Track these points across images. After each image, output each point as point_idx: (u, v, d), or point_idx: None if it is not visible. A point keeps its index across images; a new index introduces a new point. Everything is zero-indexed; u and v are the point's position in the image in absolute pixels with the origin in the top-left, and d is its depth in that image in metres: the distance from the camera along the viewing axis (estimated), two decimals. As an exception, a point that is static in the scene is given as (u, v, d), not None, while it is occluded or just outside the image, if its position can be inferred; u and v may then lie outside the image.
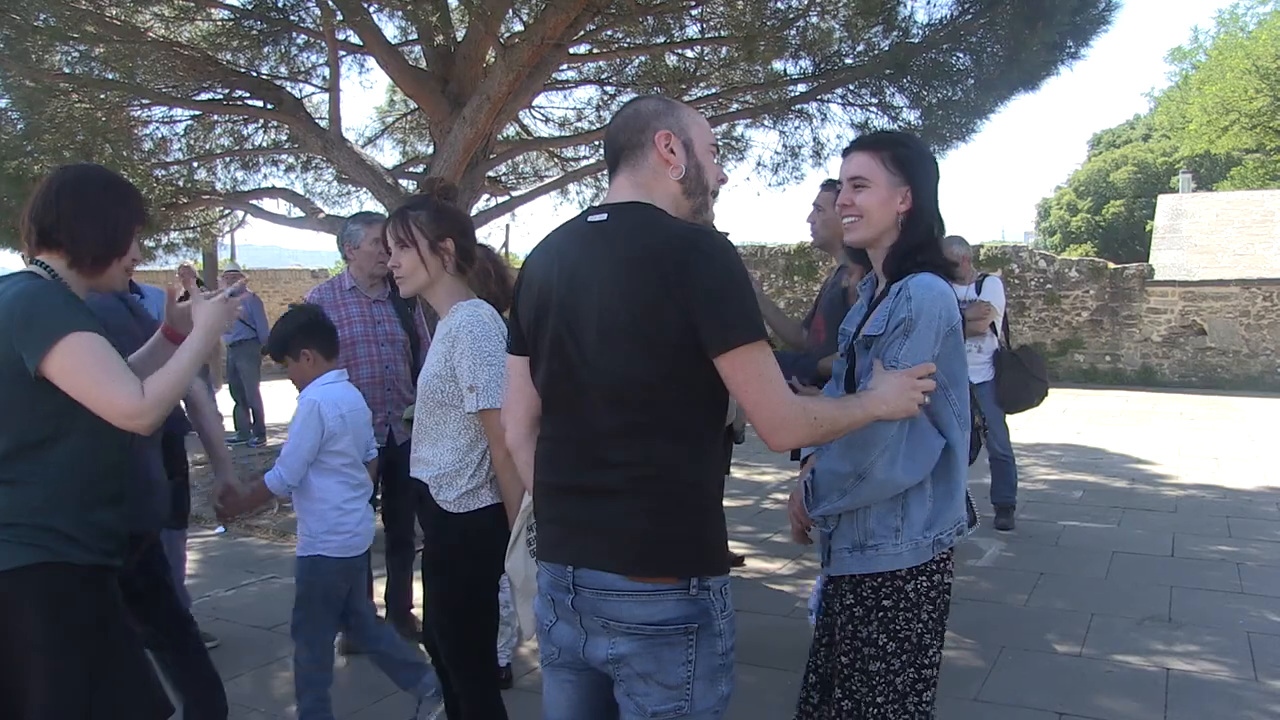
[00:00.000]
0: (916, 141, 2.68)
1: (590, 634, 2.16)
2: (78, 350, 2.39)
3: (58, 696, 2.42)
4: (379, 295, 4.99)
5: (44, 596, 2.43)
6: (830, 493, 2.49)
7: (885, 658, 2.48)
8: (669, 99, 2.32)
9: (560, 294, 2.20)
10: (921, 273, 2.49)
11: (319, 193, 12.86)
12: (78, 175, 2.69)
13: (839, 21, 9.62)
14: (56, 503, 2.45)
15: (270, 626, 5.35)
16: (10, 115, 9.61)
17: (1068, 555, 6.48)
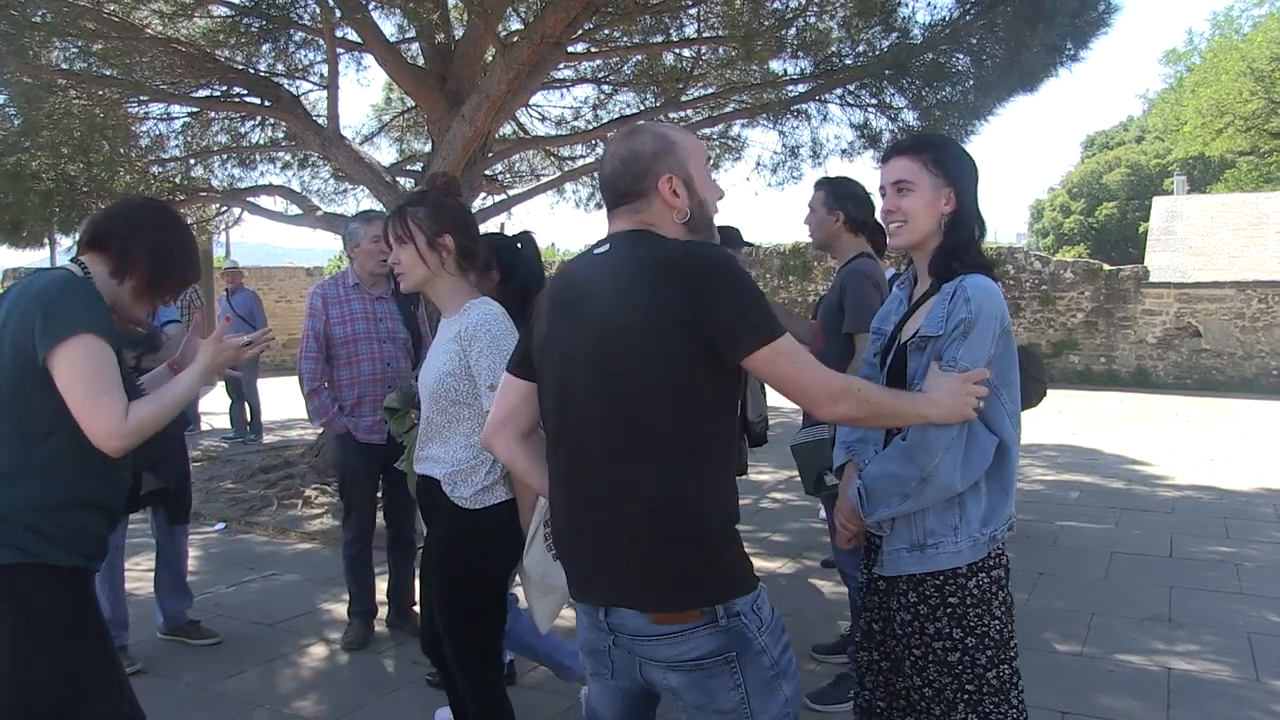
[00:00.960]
0: (954, 143, 2.71)
1: (642, 664, 2.21)
2: (83, 354, 2.36)
3: (25, 701, 2.37)
4: (381, 292, 4.99)
5: (19, 596, 2.38)
6: (890, 497, 2.52)
7: (966, 650, 2.52)
8: (660, 131, 2.30)
9: (563, 326, 2.24)
10: (973, 274, 2.53)
11: (316, 190, 12.84)
12: (165, 212, 2.73)
13: (837, 22, 9.64)
14: (41, 501, 2.40)
15: (272, 623, 5.35)
16: (7, 111, 9.56)
17: (1066, 555, 6.49)
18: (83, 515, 2.49)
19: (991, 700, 2.55)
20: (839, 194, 4.30)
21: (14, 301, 2.43)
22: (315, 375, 4.86)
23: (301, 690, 4.51)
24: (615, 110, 12.00)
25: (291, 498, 8.21)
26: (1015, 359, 2.59)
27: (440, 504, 3.00)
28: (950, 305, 2.50)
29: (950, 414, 2.33)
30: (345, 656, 4.89)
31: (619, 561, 2.14)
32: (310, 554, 6.91)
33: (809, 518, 7.70)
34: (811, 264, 19.60)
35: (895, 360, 2.67)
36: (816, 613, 5.48)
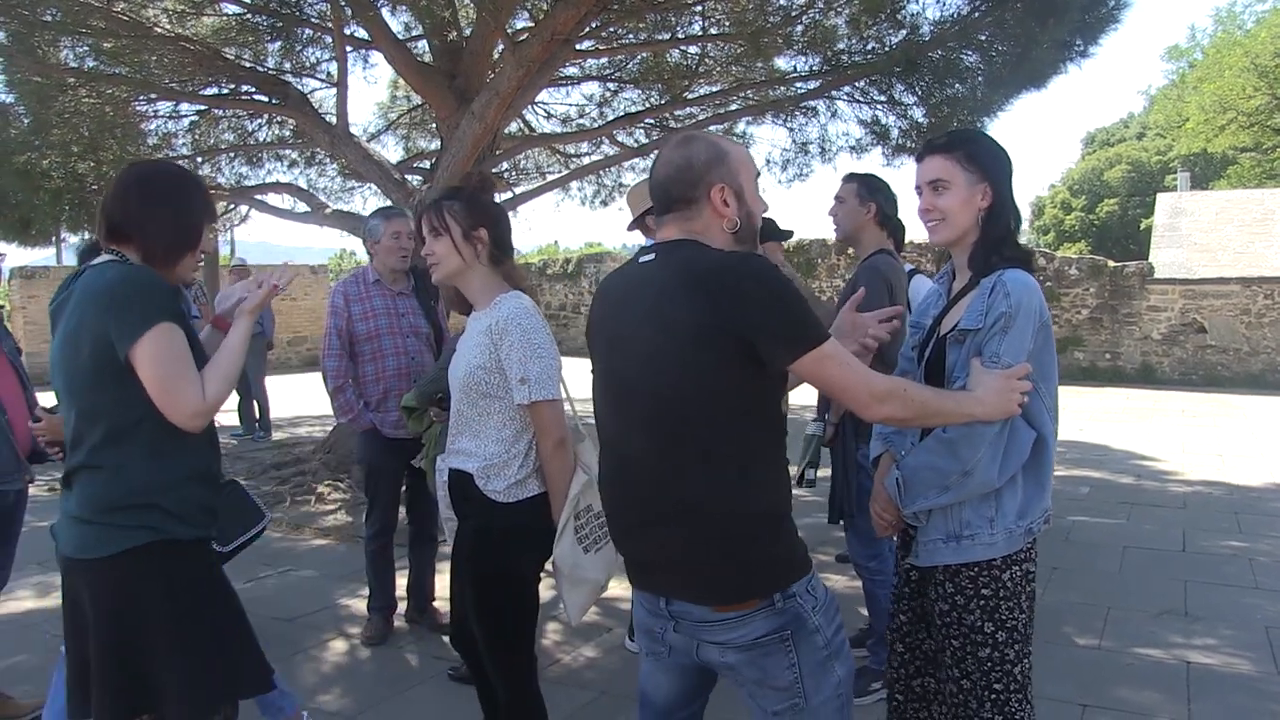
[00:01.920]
0: (988, 137, 2.72)
1: (700, 644, 2.27)
2: (160, 343, 2.45)
3: (188, 665, 2.52)
4: (402, 288, 5.01)
5: (160, 574, 2.52)
6: (929, 489, 2.56)
7: (997, 645, 2.55)
8: (714, 141, 2.34)
9: (609, 334, 2.35)
10: (1011, 268, 2.55)
11: (322, 188, 12.86)
12: (148, 171, 2.75)
13: (844, 19, 9.64)
14: (156, 483, 2.52)
15: (291, 618, 5.36)
16: (17, 110, 9.57)
17: (1079, 550, 6.51)
18: (193, 488, 2.61)
19: (1016, 699, 2.58)
20: (872, 187, 4.35)
21: (81, 302, 2.50)
22: (339, 372, 4.87)
23: (324, 685, 4.53)
24: (621, 108, 12.01)
25: (304, 494, 8.23)
26: (1054, 353, 2.62)
27: (473, 497, 3.02)
28: (989, 299, 2.52)
29: (995, 410, 2.35)
30: (366, 651, 4.91)
31: (677, 558, 2.22)
32: (326, 549, 6.93)
33: (820, 513, 7.68)
34: (815, 261, 19.61)
35: (934, 353, 2.69)
36: (833, 607, 5.47)
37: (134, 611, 2.51)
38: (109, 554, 2.49)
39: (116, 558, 2.48)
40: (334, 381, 4.89)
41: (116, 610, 2.51)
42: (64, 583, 2.64)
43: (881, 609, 4.39)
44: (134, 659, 2.52)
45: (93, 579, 2.53)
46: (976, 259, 2.64)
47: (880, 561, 4.38)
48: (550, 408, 2.94)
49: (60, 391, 2.61)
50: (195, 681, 2.54)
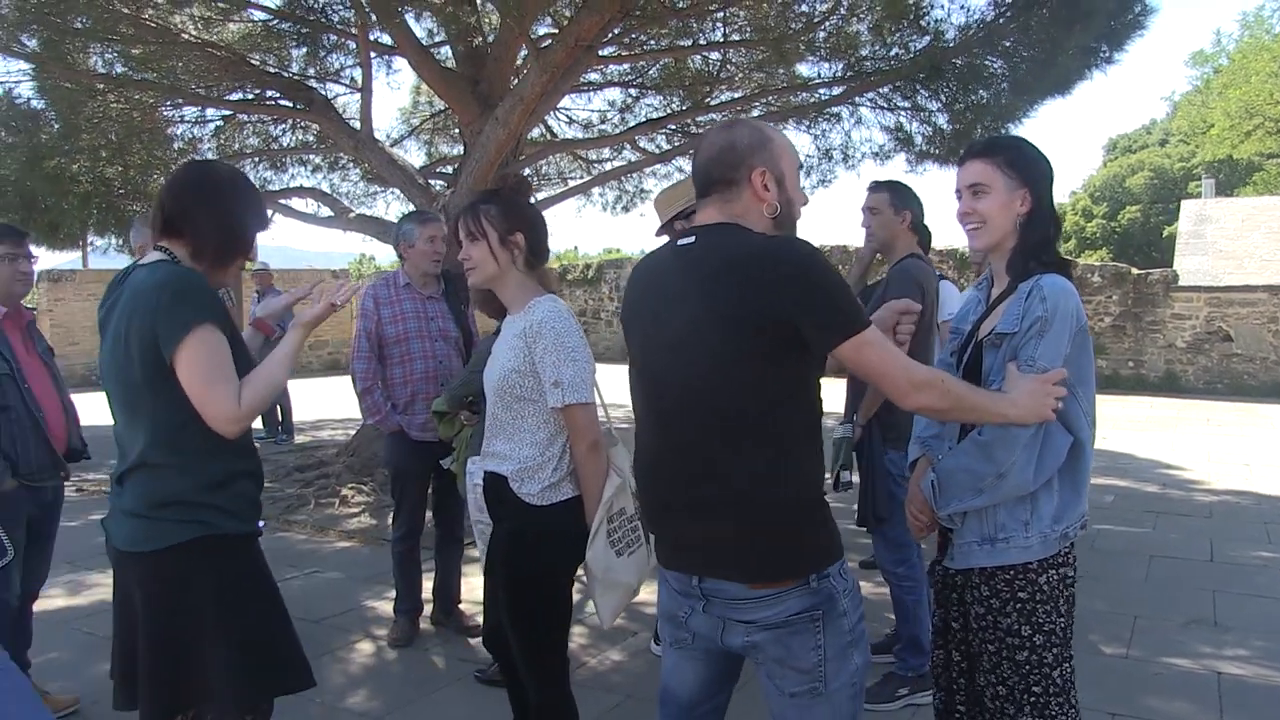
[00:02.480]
0: (1029, 143, 2.72)
1: (727, 625, 2.29)
2: (200, 346, 2.47)
3: (233, 660, 2.55)
4: (433, 292, 5.04)
5: (210, 568, 2.56)
6: (964, 491, 2.57)
7: (1034, 649, 2.55)
8: (759, 126, 2.38)
9: (646, 316, 2.38)
10: (1049, 273, 2.56)
11: (345, 193, 12.91)
12: (207, 169, 2.78)
13: (866, 25, 9.63)
14: (207, 481, 2.56)
15: (317, 620, 5.38)
16: (48, 116, 9.66)
17: (1105, 558, 6.47)
18: (241, 484, 2.66)
19: (1056, 701, 2.57)
20: (903, 195, 4.40)
21: (130, 303, 2.53)
22: (368, 374, 4.90)
23: (351, 686, 4.54)
24: (642, 114, 12.04)
25: (328, 497, 8.26)
26: (1091, 358, 2.63)
27: (507, 500, 3.03)
28: (1026, 304, 2.52)
29: (1029, 414, 2.35)
30: (392, 653, 4.93)
31: (714, 537, 2.24)
32: (350, 552, 6.95)
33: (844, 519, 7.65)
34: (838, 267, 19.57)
35: (971, 357, 2.69)
36: (858, 613, 5.46)
37: (183, 605, 2.54)
38: (160, 548, 2.53)
39: (167, 551, 2.52)
40: (362, 383, 4.92)
41: (166, 603, 2.54)
42: (115, 577, 2.67)
43: (909, 615, 4.38)
44: (181, 653, 2.55)
45: (143, 572, 2.56)
46: (1014, 264, 2.65)
47: (908, 568, 4.37)
48: (584, 411, 2.95)
49: (112, 392, 2.63)
50: (240, 676, 2.57)
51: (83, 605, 5.64)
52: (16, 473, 3.94)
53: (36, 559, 4.22)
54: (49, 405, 4.11)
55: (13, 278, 4.05)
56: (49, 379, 4.19)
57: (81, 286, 19.15)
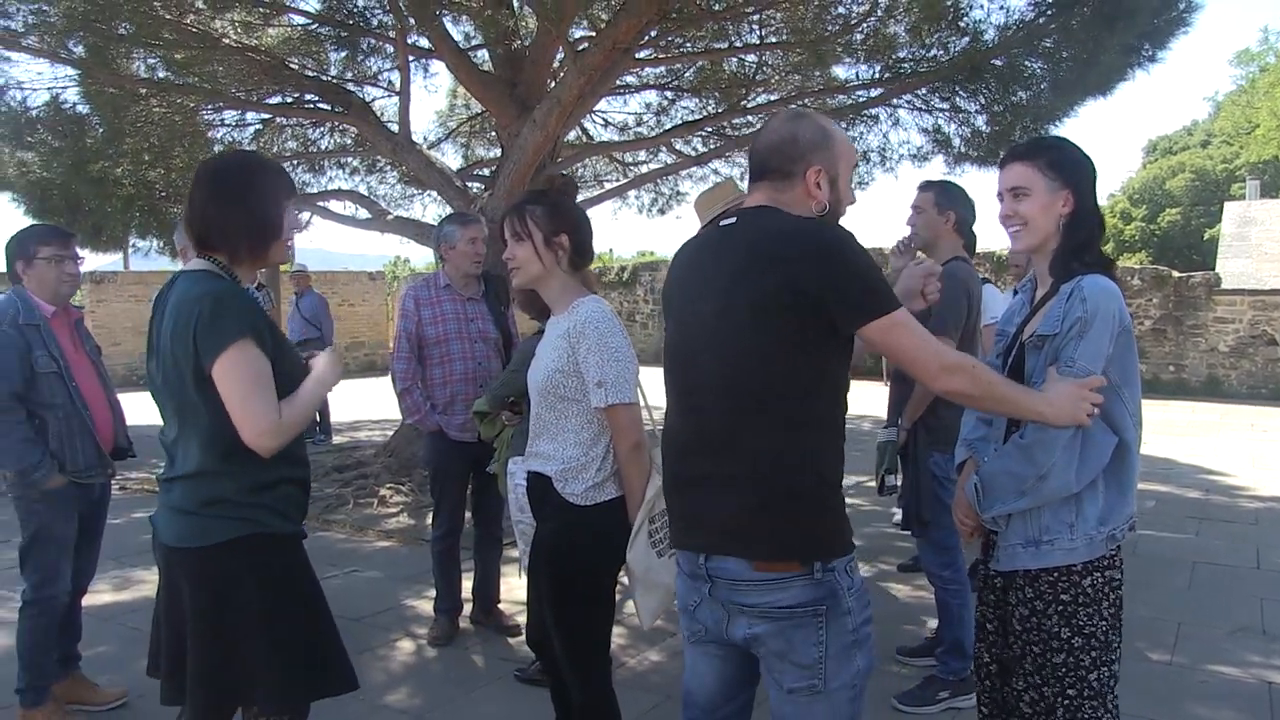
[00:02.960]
0: (1071, 144, 2.71)
1: (731, 615, 2.29)
2: (238, 361, 2.48)
3: (278, 659, 2.58)
4: (473, 293, 5.07)
5: (258, 565, 2.59)
6: (1007, 494, 2.56)
7: (1072, 651, 2.53)
8: (822, 123, 2.39)
9: (683, 294, 2.41)
10: (1090, 273, 2.55)
11: (382, 195, 12.99)
12: (213, 173, 2.72)
13: (903, 26, 9.58)
14: (254, 484, 2.58)
15: (357, 618, 5.42)
16: (92, 120, 9.79)
17: (1147, 564, 6.39)
18: (288, 489, 2.69)
19: (1090, 705, 2.55)
20: (950, 195, 4.36)
21: (173, 314, 2.54)
22: (407, 375, 4.94)
23: (392, 684, 4.58)
24: (678, 116, 12.03)
25: (367, 497, 8.32)
26: (1136, 358, 2.61)
27: (551, 500, 3.04)
28: (1067, 305, 2.52)
29: (1064, 416, 2.34)
30: (432, 652, 4.96)
31: (725, 512, 2.26)
32: (389, 551, 7.00)
33: (881, 522, 7.67)
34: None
35: (1016, 359, 2.68)
36: (896, 616, 5.45)
37: (231, 601, 2.56)
38: (209, 544, 2.55)
39: (216, 548, 2.55)
40: (402, 383, 4.95)
41: (214, 599, 2.56)
42: (163, 573, 2.69)
43: (953, 618, 4.36)
44: (229, 649, 2.57)
45: (192, 568, 2.58)
46: (1057, 266, 2.64)
47: (953, 571, 4.34)
48: (627, 411, 2.96)
49: (163, 401, 2.65)
50: (280, 675, 2.59)
51: (129, 600, 5.71)
52: (64, 470, 4.01)
53: (85, 555, 4.30)
54: (96, 404, 4.17)
55: (59, 279, 4.10)
56: (96, 378, 4.25)
57: (123, 288, 19.40)
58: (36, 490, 3.99)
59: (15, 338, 3.96)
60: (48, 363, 3.99)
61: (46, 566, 4.06)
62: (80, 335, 4.27)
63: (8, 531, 7.26)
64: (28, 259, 4.08)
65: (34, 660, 4.06)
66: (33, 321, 4.02)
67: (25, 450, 3.95)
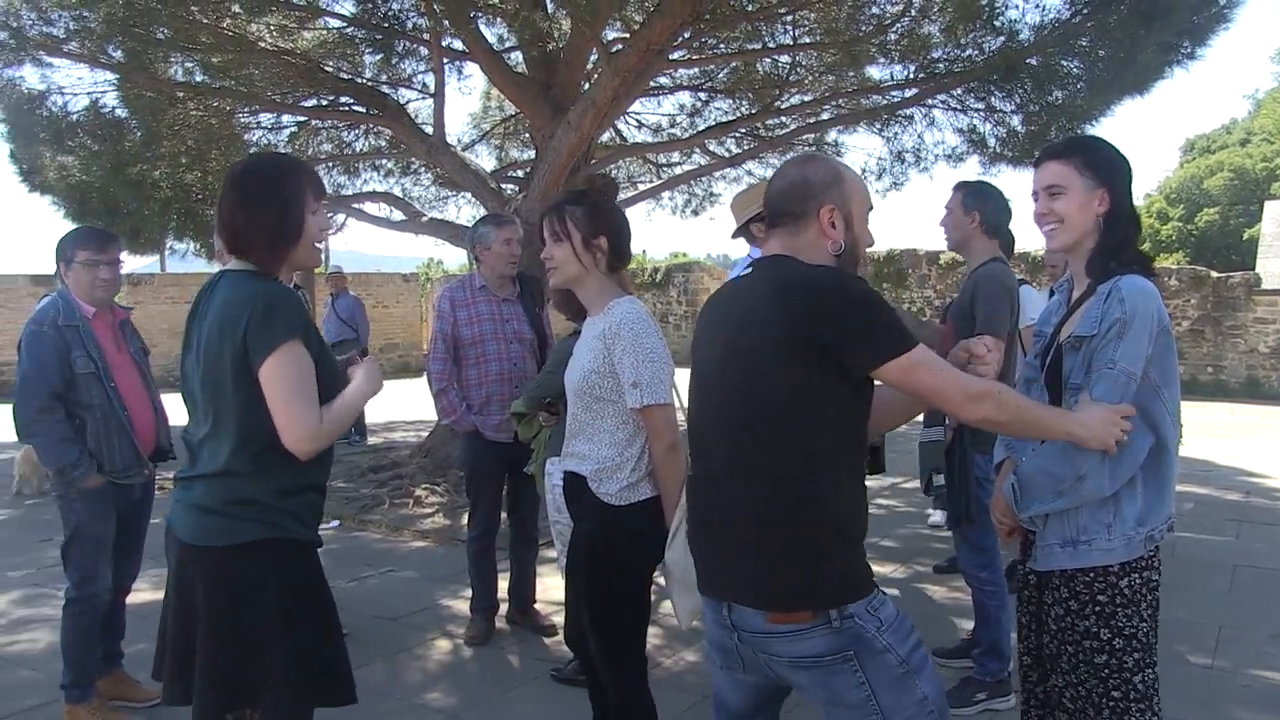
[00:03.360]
0: (1106, 143, 2.70)
1: (769, 663, 2.29)
2: (284, 363, 2.49)
3: (287, 665, 2.57)
4: (508, 295, 5.10)
5: (282, 570, 2.59)
6: (1044, 494, 2.55)
7: (1114, 653, 2.52)
8: (833, 164, 2.42)
9: (705, 343, 2.43)
10: (1127, 273, 2.53)
11: (417, 197, 13.07)
12: (240, 175, 2.71)
13: (938, 26, 9.53)
14: (280, 489, 2.59)
15: (394, 618, 5.47)
16: (131, 124, 9.91)
17: (1186, 567, 6.33)
18: (311, 496, 2.71)
19: (1137, 708, 2.53)
20: (976, 196, 4.32)
21: (219, 315, 2.55)
22: (443, 375, 4.97)
23: (429, 683, 4.61)
24: (712, 117, 12.02)
25: (402, 497, 8.37)
26: (1175, 358, 2.59)
27: (586, 500, 3.05)
28: (1104, 306, 2.50)
29: (1095, 437, 2.36)
30: (469, 651, 4.99)
31: (735, 560, 2.26)
32: (425, 551, 7.05)
33: (916, 524, 7.64)
34: (906, 271, 19.40)
35: (1053, 360, 2.67)
36: (932, 617, 5.43)
37: (251, 604, 2.56)
38: (232, 544, 2.55)
39: (239, 549, 2.54)
40: (438, 384, 4.98)
41: (233, 601, 2.56)
42: (174, 570, 2.68)
43: (990, 620, 4.33)
44: (244, 652, 2.56)
45: (211, 568, 2.57)
46: (1094, 265, 2.62)
47: (991, 572, 4.32)
48: (662, 412, 2.96)
49: (197, 400, 2.65)
50: (290, 681, 2.58)
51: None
52: (102, 470, 4.06)
53: (128, 555, 4.36)
54: (137, 405, 4.21)
55: (93, 283, 4.13)
56: (139, 379, 4.29)
57: (159, 290, 19.63)
58: (75, 489, 4.05)
59: (54, 339, 4.02)
60: (86, 363, 4.04)
61: (86, 565, 4.12)
62: (125, 336, 4.32)
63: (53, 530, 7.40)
64: (68, 262, 4.14)
65: (77, 657, 4.12)
66: (72, 323, 4.07)
67: (64, 449, 4.01)
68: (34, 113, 9.44)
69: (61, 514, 4.15)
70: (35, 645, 5.16)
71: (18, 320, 18.34)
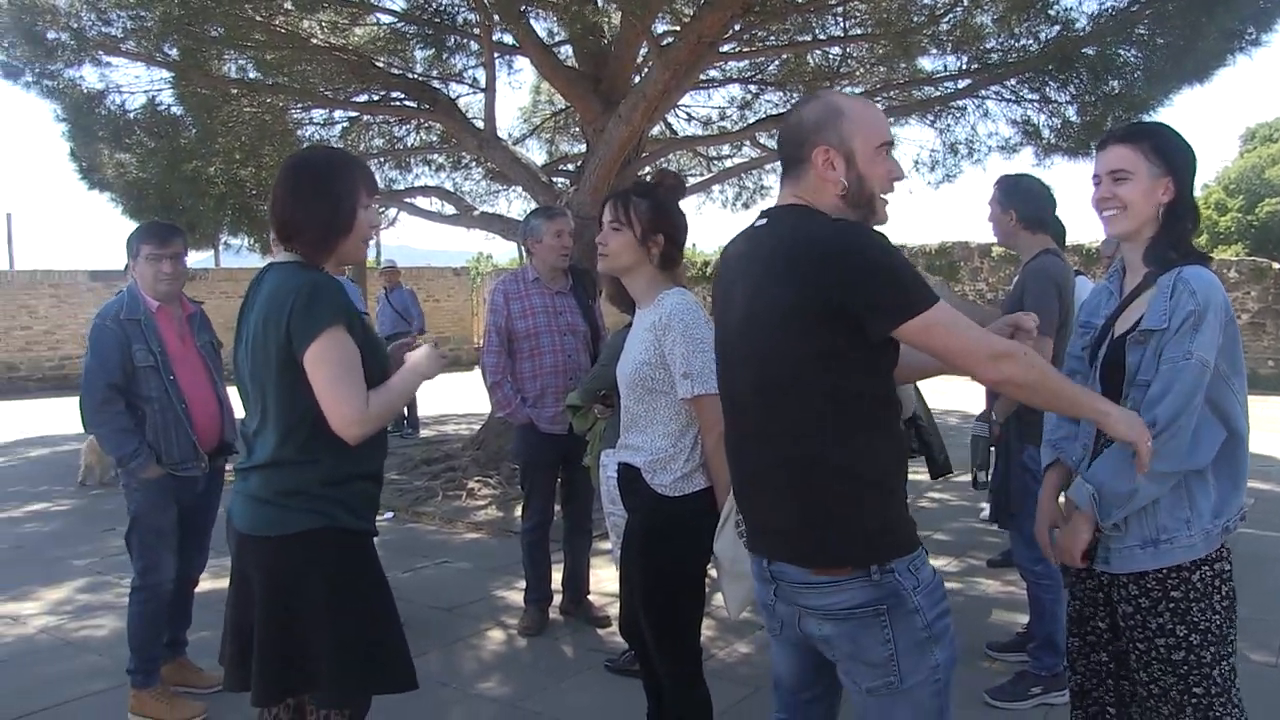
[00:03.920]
0: (1174, 131, 2.65)
1: (801, 614, 2.27)
2: (329, 347, 2.50)
3: (339, 652, 2.59)
4: (561, 287, 5.12)
5: (327, 560, 2.60)
6: (1125, 500, 2.48)
7: (1191, 649, 2.48)
8: (833, 101, 2.27)
9: (721, 298, 2.38)
10: (1190, 264, 2.50)
11: (468, 191, 13.18)
12: (293, 167, 2.75)
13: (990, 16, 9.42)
14: (332, 476, 2.60)
15: (449, 608, 5.53)
16: (186, 121, 10.06)
17: (1246, 564, 6.08)
18: (363, 484, 2.71)
19: (1219, 702, 2.50)
20: (1010, 193, 4.27)
21: (265, 305, 2.58)
22: (498, 368, 5.00)
23: (484, 672, 4.65)
24: (762, 110, 12.00)
25: (455, 489, 8.44)
26: (1241, 348, 2.55)
27: (640, 491, 3.06)
28: (1172, 300, 2.46)
29: (1124, 428, 2.28)
30: (523, 641, 5.02)
31: (776, 517, 2.25)
32: (479, 543, 7.11)
33: (969, 517, 7.58)
34: (958, 264, 19.22)
35: (1110, 354, 2.63)
36: (986, 611, 5.39)
37: (299, 592, 2.58)
38: (284, 534, 2.58)
39: (289, 538, 2.57)
40: (493, 377, 5.02)
41: (284, 589, 2.59)
42: (234, 559, 2.73)
43: (1045, 613, 4.29)
44: (293, 639, 2.59)
45: (264, 557, 2.61)
46: (1155, 255, 2.58)
47: (1045, 566, 4.27)
48: (713, 402, 2.94)
49: (246, 391, 2.69)
50: (341, 669, 2.60)
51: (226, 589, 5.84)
52: (160, 461, 4.13)
53: (194, 546, 4.44)
54: (199, 398, 4.26)
55: (155, 277, 4.20)
56: (204, 371, 4.34)
57: (214, 285, 19.92)
58: (135, 479, 4.14)
59: (116, 332, 4.10)
60: (145, 356, 4.12)
61: (148, 554, 4.20)
62: (193, 329, 4.38)
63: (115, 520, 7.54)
64: (134, 256, 4.23)
65: (142, 644, 4.20)
66: (135, 316, 4.15)
67: (123, 440, 4.10)
68: (93, 112, 9.61)
69: (127, 502, 4.24)
70: (100, 631, 5.29)
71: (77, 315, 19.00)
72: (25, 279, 19.58)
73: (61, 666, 4.81)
